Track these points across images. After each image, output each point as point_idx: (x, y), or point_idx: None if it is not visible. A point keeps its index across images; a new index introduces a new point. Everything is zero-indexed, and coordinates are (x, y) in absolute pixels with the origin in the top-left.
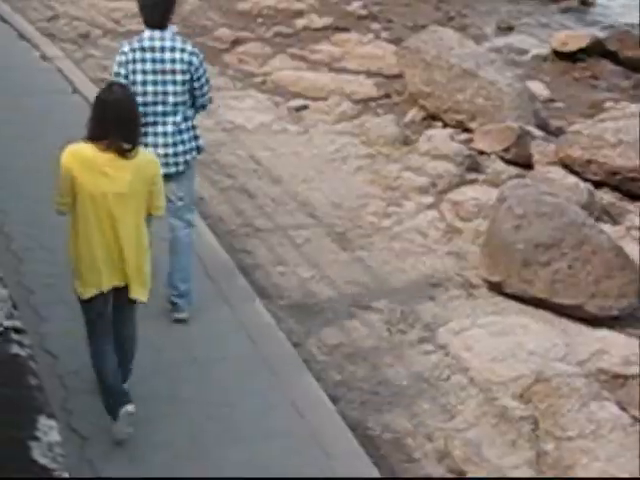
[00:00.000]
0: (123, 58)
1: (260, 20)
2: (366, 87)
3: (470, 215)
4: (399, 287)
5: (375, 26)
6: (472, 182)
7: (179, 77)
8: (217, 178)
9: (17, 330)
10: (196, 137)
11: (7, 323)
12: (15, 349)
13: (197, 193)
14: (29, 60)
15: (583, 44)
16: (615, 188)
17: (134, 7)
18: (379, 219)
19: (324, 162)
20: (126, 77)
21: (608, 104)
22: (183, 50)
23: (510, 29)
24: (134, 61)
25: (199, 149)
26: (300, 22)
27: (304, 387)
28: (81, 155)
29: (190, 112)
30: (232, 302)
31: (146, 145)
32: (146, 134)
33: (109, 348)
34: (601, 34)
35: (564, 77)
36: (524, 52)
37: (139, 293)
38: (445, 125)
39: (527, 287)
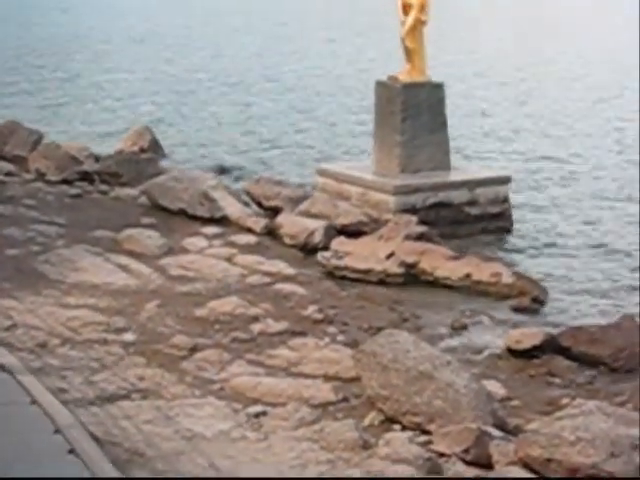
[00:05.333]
0: None
1: (217, 326)
2: (324, 391)
3: None
4: None
5: (331, 329)
6: None
7: None
8: None
9: None
10: None
11: None
12: None
13: None
14: None
15: (537, 341)
16: None
17: (92, 315)
18: None
19: (285, 469)
20: None
21: (565, 401)
22: None
23: (464, 328)
24: None
25: None
26: (257, 327)
27: None
28: None
29: None
30: None
31: None
32: None
33: None
34: (554, 331)
35: (520, 375)
36: (479, 351)
37: None
38: (404, 428)
39: None
